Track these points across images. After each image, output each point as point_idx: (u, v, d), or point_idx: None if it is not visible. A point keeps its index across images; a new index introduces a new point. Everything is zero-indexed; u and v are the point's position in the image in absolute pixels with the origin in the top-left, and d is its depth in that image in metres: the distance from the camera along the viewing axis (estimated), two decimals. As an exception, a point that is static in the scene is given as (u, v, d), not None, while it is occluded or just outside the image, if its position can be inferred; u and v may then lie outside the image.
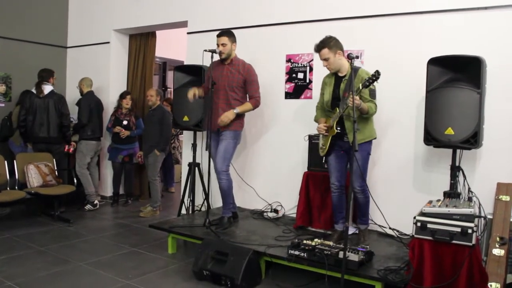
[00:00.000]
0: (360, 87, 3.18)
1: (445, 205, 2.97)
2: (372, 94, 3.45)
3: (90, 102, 5.67)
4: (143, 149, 5.71)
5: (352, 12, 4.26)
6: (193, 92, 4.14)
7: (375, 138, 3.65)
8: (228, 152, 4.08)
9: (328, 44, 3.51)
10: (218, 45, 4.06)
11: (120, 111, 5.91)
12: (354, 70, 3.45)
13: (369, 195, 3.66)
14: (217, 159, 4.06)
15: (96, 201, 5.80)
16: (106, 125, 6.00)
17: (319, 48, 3.55)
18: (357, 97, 3.20)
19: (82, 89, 5.78)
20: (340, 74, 3.60)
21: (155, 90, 5.67)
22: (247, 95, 4.17)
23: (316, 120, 3.86)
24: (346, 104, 3.30)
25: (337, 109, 3.49)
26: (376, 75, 3.06)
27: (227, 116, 4.02)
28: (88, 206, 5.72)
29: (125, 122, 5.86)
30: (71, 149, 5.66)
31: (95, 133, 5.73)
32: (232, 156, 4.16)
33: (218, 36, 4.09)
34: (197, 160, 4.81)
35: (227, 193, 4.13)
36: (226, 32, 4.12)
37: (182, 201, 4.89)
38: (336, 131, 3.50)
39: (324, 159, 3.76)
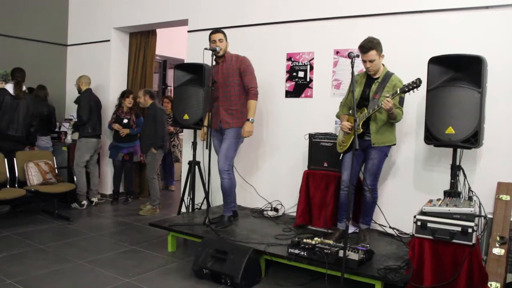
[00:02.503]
0: (398, 91, 3.25)
1: (446, 204, 2.97)
2: (401, 101, 3.49)
3: (90, 100, 5.66)
4: (141, 148, 5.71)
5: (353, 11, 4.25)
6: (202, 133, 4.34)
7: (394, 144, 3.68)
8: (231, 151, 4.07)
9: (376, 46, 3.45)
10: (215, 41, 4.05)
11: (122, 110, 5.91)
12: (388, 75, 3.53)
13: (377, 197, 3.70)
14: (219, 158, 4.06)
15: (84, 202, 5.74)
16: (108, 123, 6.00)
17: (367, 49, 3.44)
18: (392, 100, 3.26)
19: (80, 87, 5.75)
20: (372, 76, 3.60)
21: (142, 90, 5.63)
22: (244, 88, 4.12)
23: (338, 116, 3.86)
24: (378, 106, 3.35)
25: (365, 109, 3.50)
26: (417, 83, 3.15)
27: (248, 131, 4.04)
28: (74, 205, 5.70)
29: (125, 121, 5.86)
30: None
31: (96, 131, 5.72)
32: (235, 155, 4.15)
33: (213, 33, 4.08)
34: (198, 159, 4.80)
35: (228, 192, 4.13)
36: (220, 30, 4.13)
37: (182, 200, 4.89)
38: (361, 130, 3.52)
39: (341, 156, 3.77)
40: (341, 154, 3.75)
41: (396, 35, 4.02)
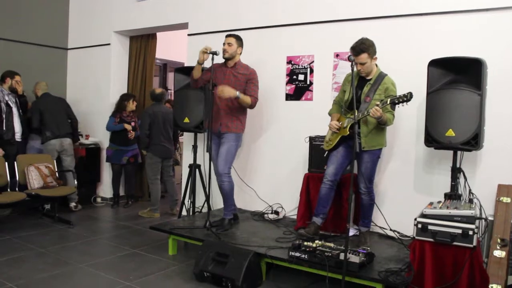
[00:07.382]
0: (388, 102, 3.20)
1: (446, 207, 2.97)
2: (393, 106, 3.43)
3: (40, 105, 5.56)
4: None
5: (352, 14, 4.26)
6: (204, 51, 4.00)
7: (384, 147, 3.68)
8: (230, 154, 4.07)
9: (368, 49, 3.39)
10: (224, 43, 4.07)
11: (125, 113, 5.89)
12: (381, 76, 3.48)
13: (374, 198, 3.69)
14: (219, 161, 4.05)
15: (72, 204, 5.75)
16: (108, 124, 5.87)
17: (358, 52, 3.38)
18: (380, 109, 3.21)
19: (36, 93, 5.69)
20: (365, 77, 3.56)
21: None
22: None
23: (330, 113, 3.85)
24: (367, 112, 3.31)
25: (356, 111, 3.47)
26: (408, 97, 3.10)
27: (230, 92, 3.88)
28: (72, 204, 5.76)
29: (132, 124, 5.87)
30: None
31: (54, 132, 5.59)
32: (234, 159, 4.15)
33: (227, 36, 4.11)
34: (198, 162, 4.81)
35: (228, 195, 4.13)
36: (235, 35, 4.13)
37: (183, 203, 4.90)
38: (348, 132, 3.50)
39: (326, 153, 3.77)
40: (326, 152, 3.77)
41: (396, 38, 4.03)
